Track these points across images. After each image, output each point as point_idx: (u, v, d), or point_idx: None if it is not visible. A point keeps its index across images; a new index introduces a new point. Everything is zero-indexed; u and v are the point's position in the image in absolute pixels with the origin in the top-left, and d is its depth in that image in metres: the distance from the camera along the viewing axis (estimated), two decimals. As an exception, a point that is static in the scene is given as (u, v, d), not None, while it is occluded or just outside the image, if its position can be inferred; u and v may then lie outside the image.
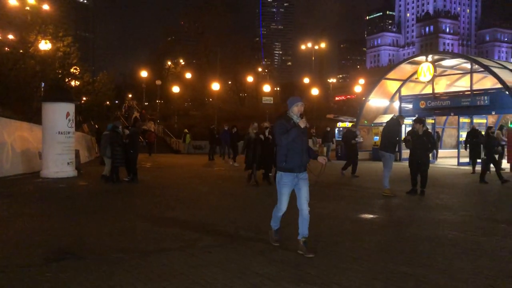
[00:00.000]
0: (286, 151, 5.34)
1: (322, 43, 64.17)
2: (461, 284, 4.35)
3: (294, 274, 4.60)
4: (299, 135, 5.35)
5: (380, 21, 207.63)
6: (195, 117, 47.82)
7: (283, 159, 5.38)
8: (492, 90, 18.84)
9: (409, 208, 9.05)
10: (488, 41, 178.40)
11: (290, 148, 5.33)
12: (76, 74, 29.28)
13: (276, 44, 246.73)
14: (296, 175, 5.40)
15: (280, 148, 5.42)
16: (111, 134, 12.85)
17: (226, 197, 10.53)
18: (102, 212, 8.38)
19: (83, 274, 4.61)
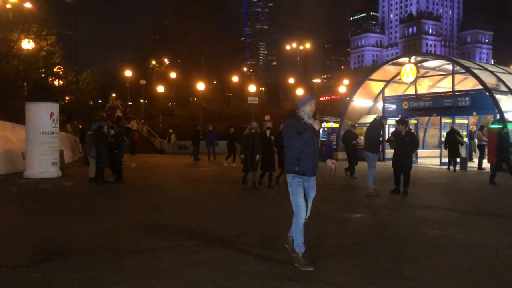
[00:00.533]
0: (299, 154, 4.96)
1: (306, 43, 64.49)
2: (442, 279, 4.50)
3: (280, 272, 4.69)
4: (312, 137, 4.99)
5: (364, 21, 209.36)
6: (180, 116, 47.63)
7: (295, 162, 4.98)
8: (473, 91, 19.21)
9: (392, 207, 9.23)
10: (469, 43, 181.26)
11: (302, 151, 4.96)
12: (60, 74, 28.95)
13: (261, 44, 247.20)
14: (307, 179, 5.04)
15: (291, 150, 5.02)
16: (96, 134, 12.79)
17: (212, 197, 10.58)
18: (89, 212, 8.37)
19: (71, 274, 4.63)
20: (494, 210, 8.83)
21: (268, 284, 4.33)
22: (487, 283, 4.41)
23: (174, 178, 14.71)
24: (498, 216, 8.12)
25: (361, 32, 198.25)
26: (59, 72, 28.63)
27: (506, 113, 17.22)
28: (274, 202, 9.82)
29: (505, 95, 18.27)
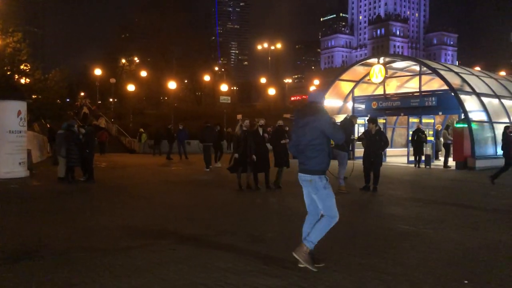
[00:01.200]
0: (329, 152, 4.79)
1: (278, 43, 64.89)
2: (411, 272, 4.67)
3: (256, 268, 4.77)
4: None
5: (333, 23, 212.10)
6: (150, 116, 47.06)
7: (327, 161, 4.78)
8: (439, 92, 19.77)
9: (363, 204, 9.45)
10: (435, 44, 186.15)
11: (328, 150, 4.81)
12: (27, 71, 28.16)
13: (232, 44, 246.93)
14: None
15: (326, 149, 4.78)
16: (66, 133, 12.58)
17: (186, 196, 10.58)
18: (60, 212, 8.24)
19: (44, 273, 4.58)
20: (460, 205, 9.16)
21: (244, 280, 4.40)
22: (454, 275, 4.60)
23: (147, 178, 14.60)
24: (465, 212, 8.43)
25: (331, 33, 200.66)
26: (26, 70, 27.85)
27: (470, 113, 17.81)
28: (250, 200, 9.89)
29: (469, 96, 18.90)
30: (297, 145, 4.86)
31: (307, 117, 4.79)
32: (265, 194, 10.56)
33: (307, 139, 4.73)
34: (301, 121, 4.83)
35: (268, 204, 9.45)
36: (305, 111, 4.89)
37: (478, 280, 4.46)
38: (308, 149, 4.75)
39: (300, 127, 4.81)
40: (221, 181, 13.82)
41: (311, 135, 4.73)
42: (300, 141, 4.80)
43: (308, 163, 4.74)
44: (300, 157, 4.83)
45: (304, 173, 4.76)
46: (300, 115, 4.89)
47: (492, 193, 10.88)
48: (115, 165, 19.91)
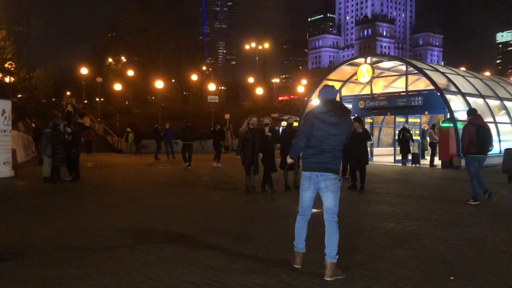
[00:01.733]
0: None
1: (265, 43, 65.01)
2: (398, 268, 4.71)
3: (244, 266, 4.77)
4: None
5: (321, 23, 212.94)
6: (137, 115, 46.75)
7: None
8: (425, 91, 19.98)
9: (350, 202, 9.49)
10: (421, 45, 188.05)
11: None
12: (11, 70, 27.75)
13: (220, 43, 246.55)
14: None
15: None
16: (52, 132, 12.44)
17: (174, 195, 10.54)
18: (46, 212, 8.15)
19: (30, 273, 4.53)
20: (446, 203, 9.26)
21: (233, 278, 4.40)
22: (441, 272, 4.65)
23: (134, 177, 14.50)
24: (450, 209, 8.52)
25: (318, 33, 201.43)
26: (10, 68, 27.44)
27: (455, 112, 18.02)
28: (237, 200, 9.89)
29: (455, 95, 19.12)
30: (319, 143, 4.56)
31: (340, 116, 4.56)
32: (259, 195, 10.54)
33: (339, 140, 4.57)
34: (332, 119, 4.54)
35: (258, 204, 9.45)
36: (336, 109, 4.60)
37: (464, 276, 4.52)
38: (337, 149, 4.60)
39: (328, 124, 4.53)
40: (208, 180, 13.80)
41: (345, 136, 4.61)
42: (327, 139, 4.54)
43: (336, 163, 4.60)
44: (323, 156, 4.54)
45: (329, 172, 4.55)
46: (329, 111, 4.56)
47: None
48: (101, 164, 19.75)
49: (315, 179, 4.59)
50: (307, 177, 4.64)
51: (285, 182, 10.89)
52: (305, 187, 4.67)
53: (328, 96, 4.67)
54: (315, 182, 4.60)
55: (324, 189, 4.58)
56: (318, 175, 4.57)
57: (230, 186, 12.09)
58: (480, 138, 9.02)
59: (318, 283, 4.27)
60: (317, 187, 4.61)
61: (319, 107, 4.64)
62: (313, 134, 4.55)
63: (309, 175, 4.62)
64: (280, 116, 28.25)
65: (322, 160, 4.54)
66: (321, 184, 4.58)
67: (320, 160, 4.54)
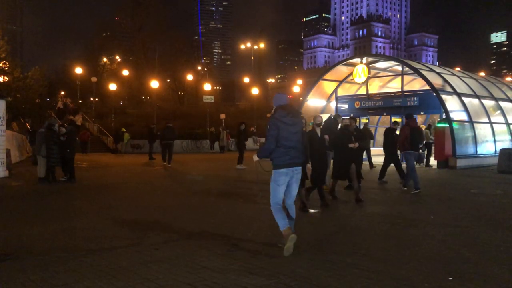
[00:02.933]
0: None
1: (261, 43, 64.96)
2: (396, 270, 4.69)
3: (241, 267, 4.74)
4: None
5: (316, 23, 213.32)
6: (132, 115, 46.46)
7: None
8: (421, 92, 19.99)
9: (346, 203, 9.49)
10: (416, 45, 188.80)
11: None
12: (5, 69, 27.55)
13: (215, 43, 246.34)
14: None
15: None
16: (46, 132, 12.35)
17: (169, 196, 10.48)
18: (40, 212, 8.09)
19: (25, 274, 4.48)
20: (442, 204, 9.26)
21: (230, 279, 4.36)
22: (438, 272, 4.64)
23: (129, 178, 14.43)
24: (447, 210, 8.52)
25: (314, 34, 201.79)
26: (4, 68, 27.24)
27: (451, 113, 18.05)
28: (235, 201, 9.85)
29: (450, 95, 19.15)
30: (286, 142, 5.23)
31: (296, 117, 5.38)
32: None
33: (299, 137, 5.34)
34: (290, 119, 5.29)
35: (253, 205, 9.41)
36: (294, 112, 5.42)
37: (462, 277, 4.50)
38: (298, 145, 5.34)
39: (289, 125, 5.27)
40: (204, 180, 13.75)
41: (300, 133, 5.40)
42: (292, 138, 5.27)
43: (300, 157, 5.37)
44: (292, 152, 5.24)
45: (298, 166, 5.33)
46: (288, 114, 5.31)
47: (473, 191, 11.04)
48: (96, 165, 19.65)
49: (290, 174, 5.30)
50: (283, 173, 5.26)
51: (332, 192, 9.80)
52: (281, 182, 5.29)
53: (283, 102, 5.45)
54: (289, 176, 5.30)
55: (293, 181, 5.35)
56: (293, 170, 5.29)
57: (228, 187, 12.03)
58: (413, 137, 10.87)
59: (317, 284, 4.24)
60: (288, 179, 5.30)
61: (280, 112, 5.31)
62: (280, 136, 5.22)
63: (285, 171, 5.26)
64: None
65: (292, 156, 5.26)
66: (292, 177, 5.32)
67: (291, 157, 5.25)
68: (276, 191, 5.32)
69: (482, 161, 18.34)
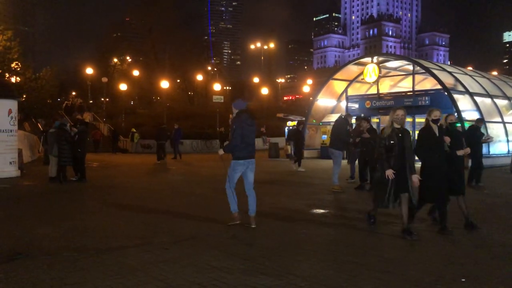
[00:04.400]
0: None
1: (270, 43, 64.93)
2: (407, 270, 4.64)
3: (251, 267, 4.71)
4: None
5: (326, 22, 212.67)
6: (143, 115, 46.69)
7: None
8: (432, 91, 19.82)
9: (357, 203, 9.41)
10: (427, 45, 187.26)
11: None
12: (18, 70, 27.85)
13: (225, 43, 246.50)
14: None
15: None
16: (58, 132, 12.44)
17: (179, 196, 10.49)
18: (52, 212, 8.14)
19: (36, 273, 4.50)
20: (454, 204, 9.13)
21: (240, 279, 4.34)
22: (451, 273, 4.57)
23: (139, 177, 14.49)
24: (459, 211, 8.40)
25: (324, 33, 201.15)
26: (16, 69, 27.54)
27: (463, 112, 17.86)
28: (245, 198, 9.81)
29: (462, 95, 18.96)
30: (247, 139, 6.60)
31: (253, 119, 6.79)
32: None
33: (254, 135, 6.73)
34: (250, 121, 6.67)
35: (264, 204, 9.37)
36: (253, 115, 6.88)
37: (476, 278, 4.43)
38: (254, 142, 6.74)
39: (250, 125, 6.64)
40: (214, 180, 13.74)
41: (254, 133, 6.76)
42: (249, 136, 6.63)
43: (254, 151, 6.73)
44: (249, 148, 6.63)
45: (253, 158, 6.71)
46: (249, 117, 6.72)
47: (486, 192, 10.90)
48: (107, 164, 19.77)
49: (246, 165, 6.63)
50: (241, 164, 6.61)
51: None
52: (238, 170, 6.66)
53: (242, 107, 6.77)
54: (245, 166, 6.63)
55: (248, 170, 6.67)
56: (249, 162, 6.64)
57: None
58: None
59: (327, 285, 4.20)
60: (244, 169, 6.64)
61: (243, 116, 6.62)
62: (243, 135, 6.53)
63: (243, 162, 6.61)
64: (285, 116, 28.09)
65: (250, 151, 6.63)
66: (248, 167, 6.65)
67: (249, 151, 6.62)
68: (233, 177, 6.69)
69: (494, 161, 18.09)
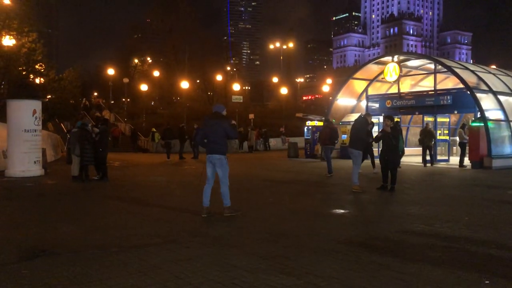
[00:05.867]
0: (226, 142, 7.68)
1: (290, 42, 64.78)
2: (428, 272, 4.57)
3: (271, 266, 4.71)
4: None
5: (346, 22, 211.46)
6: (163, 115, 47.19)
7: (226, 148, 7.64)
8: (454, 90, 19.49)
9: (378, 203, 9.34)
10: (449, 43, 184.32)
11: None
12: (42, 71, 28.43)
13: (244, 43, 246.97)
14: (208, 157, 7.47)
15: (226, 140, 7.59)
16: (80, 132, 12.65)
17: (199, 195, 10.51)
18: (75, 210, 8.29)
19: (60, 270, 4.59)
20: (477, 205, 9.00)
21: (260, 278, 4.35)
22: (474, 275, 4.50)
23: (160, 176, 14.63)
24: (482, 211, 8.27)
25: (344, 32, 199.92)
26: (40, 70, 28.13)
27: (486, 112, 17.53)
28: (264, 199, 9.83)
29: (485, 94, 18.60)
30: (205, 138, 7.50)
31: (215, 120, 7.46)
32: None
33: (216, 134, 7.35)
34: (211, 122, 7.46)
35: (283, 203, 9.37)
36: (213, 116, 7.54)
37: (500, 280, 4.35)
38: (217, 140, 7.38)
39: (210, 126, 7.45)
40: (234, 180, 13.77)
41: (218, 131, 7.37)
42: (209, 135, 7.42)
43: (217, 147, 7.36)
44: (210, 145, 7.40)
45: (214, 153, 7.36)
46: (211, 119, 7.52)
47: (510, 193, 10.69)
48: (128, 163, 20.02)
49: (210, 159, 7.45)
50: (207, 158, 7.48)
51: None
52: (207, 165, 7.51)
53: (216, 109, 7.69)
54: (210, 161, 7.45)
55: (216, 165, 7.44)
56: (210, 156, 7.43)
57: (253, 186, 12.01)
58: (333, 135, 15.30)
59: (348, 285, 4.18)
60: (212, 163, 7.44)
61: (209, 116, 7.64)
62: (206, 133, 7.50)
63: (207, 157, 7.48)
64: (304, 116, 27.96)
65: (210, 147, 7.41)
66: (213, 162, 7.42)
67: (209, 148, 7.41)
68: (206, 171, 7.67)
69: (508, 162, 17.69)
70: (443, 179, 14.10)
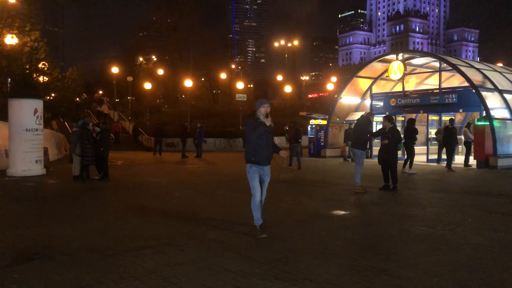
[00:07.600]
0: (256, 146, 6.02)
1: (295, 40, 64.50)
2: (428, 277, 4.46)
3: (266, 271, 4.61)
4: (264, 132, 6.01)
5: (352, 19, 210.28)
6: (167, 114, 47.13)
7: (252, 153, 6.05)
8: (460, 88, 19.30)
9: (380, 204, 9.21)
10: (456, 41, 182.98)
11: (257, 144, 6.01)
12: (45, 70, 28.44)
13: (249, 41, 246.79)
14: (262, 167, 6.11)
15: (249, 143, 6.11)
16: (80, 131, 12.59)
17: (200, 195, 10.47)
18: (73, 211, 8.22)
19: (51, 274, 4.51)
20: (480, 207, 8.85)
21: (254, 283, 4.25)
22: (474, 280, 4.38)
23: (162, 176, 14.56)
24: (485, 213, 8.13)
25: (349, 30, 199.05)
26: (43, 68, 28.13)
27: (492, 110, 17.33)
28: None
29: (491, 92, 18.39)
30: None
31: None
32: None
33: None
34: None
35: (283, 204, 9.27)
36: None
37: (501, 286, 4.22)
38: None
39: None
40: (234, 180, 13.70)
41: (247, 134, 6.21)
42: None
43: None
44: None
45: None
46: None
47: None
48: (130, 162, 19.97)
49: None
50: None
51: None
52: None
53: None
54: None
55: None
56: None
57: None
58: (297, 135, 17.27)
59: (343, 292, 4.07)
60: None
61: None
62: None
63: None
64: (308, 114, 27.77)
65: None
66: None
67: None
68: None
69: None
70: (447, 179, 13.92)
